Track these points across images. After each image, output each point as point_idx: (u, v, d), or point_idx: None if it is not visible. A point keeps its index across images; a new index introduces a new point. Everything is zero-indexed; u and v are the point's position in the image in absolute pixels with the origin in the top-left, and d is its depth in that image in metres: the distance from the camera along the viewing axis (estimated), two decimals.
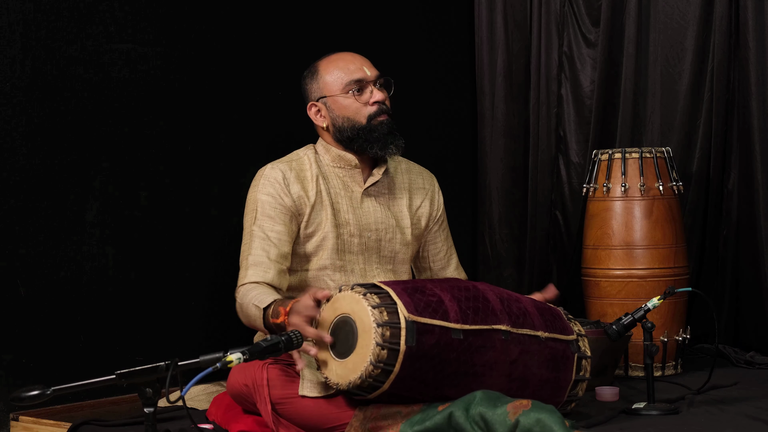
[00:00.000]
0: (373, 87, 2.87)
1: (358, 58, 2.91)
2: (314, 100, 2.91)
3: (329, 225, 2.83)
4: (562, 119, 4.30)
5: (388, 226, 2.92)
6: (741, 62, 3.84)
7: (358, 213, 2.88)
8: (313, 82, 2.91)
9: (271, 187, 2.81)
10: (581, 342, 2.69)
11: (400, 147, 2.88)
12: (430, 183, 3.06)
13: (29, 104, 3.04)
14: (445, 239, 3.09)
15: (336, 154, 2.90)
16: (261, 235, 2.77)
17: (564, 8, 4.27)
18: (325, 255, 2.84)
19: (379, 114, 2.86)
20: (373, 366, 2.34)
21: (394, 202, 2.96)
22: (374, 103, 2.86)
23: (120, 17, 3.23)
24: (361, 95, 2.86)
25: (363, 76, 2.87)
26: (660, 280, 3.51)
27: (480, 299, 2.52)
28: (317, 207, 2.84)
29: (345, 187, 2.89)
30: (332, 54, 2.93)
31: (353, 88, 2.86)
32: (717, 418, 2.77)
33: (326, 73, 2.88)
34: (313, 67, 2.94)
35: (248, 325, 2.71)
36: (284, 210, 2.80)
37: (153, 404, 2.16)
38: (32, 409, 2.96)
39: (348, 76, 2.86)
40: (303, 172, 2.87)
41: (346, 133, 2.86)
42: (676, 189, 3.60)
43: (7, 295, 2.98)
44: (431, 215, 3.04)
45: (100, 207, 3.17)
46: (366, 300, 2.38)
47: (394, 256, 2.94)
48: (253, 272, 2.74)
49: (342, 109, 2.86)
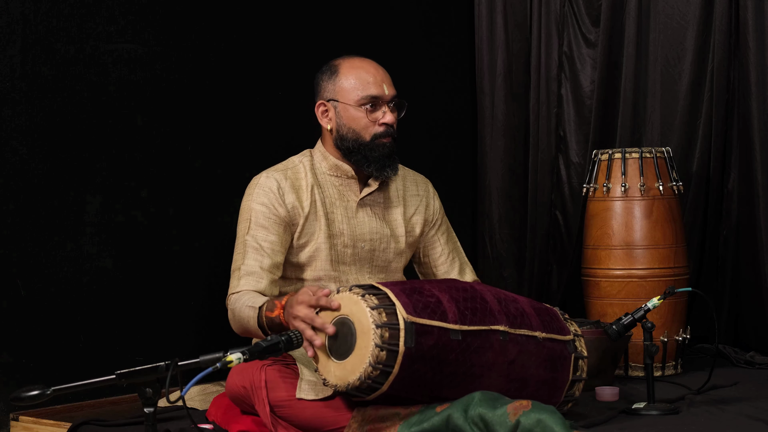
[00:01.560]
0: (386, 107, 2.82)
1: (380, 72, 2.85)
2: (325, 99, 2.86)
3: (322, 236, 2.81)
4: (562, 119, 4.30)
5: (382, 236, 2.90)
6: (741, 62, 3.84)
7: (352, 223, 2.86)
8: (329, 81, 2.85)
9: (265, 196, 2.79)
10: (578, 342, 2.69)
11: (395, 171, 2.85)
12: (424, 189, 3.04)
13: (29, 104, 3.04)
14: (446, 242, 3.07)
15: (333, 163, 2.87)
16: (254, 245, 2.75)
17: (564, 8, 4.27)
18: (319, 266, 2.82)
19: (384, 135, 2.82)
20: (372, 367, 2.33)
21: (389, 211, 2.94)
22: (382, 124, 2.82)
23: (120, 17, 3.23)
24: (373, 112, 2.81)
25: (380, 93, 2.81)
26: (660, 280, 3.51)
27: (478, 300, 2.52)
28: (311, 217, 2.82)
29: (341, 196, 2.87)
30: (355, 58, 2.87)
31: (367, 104, 2.81)
32: (717, 418, 2.77)
33: (344, 78, 2.82)
34: (332, 66, 2.87)
35: (241, 331, 2.70)
36: (278, 220, 2.78)
37: (153, 404, 2.17)
38: (32, 409, 2.96)
39: (366, 90, 2.80)
40: (298, 182, 2.84)
41: (347, 143, 2.82)
42: (676, 189, 3.60)
43: (7, 295, 2.98)
44: (426, 220, 3.01)
45: (99, 207, 3.17)
46: (364, 301, 2.38)
47: (387, 265, 2.92)
48: (245, 282, 2.73)
49: (351, 120, 2.82)
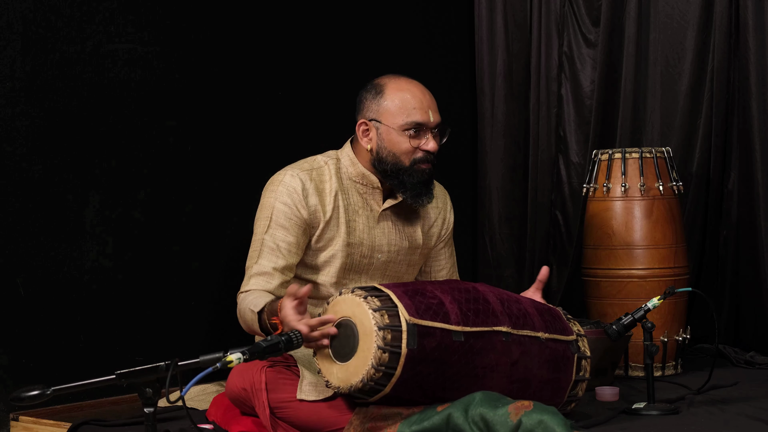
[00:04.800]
0: (430, 133, 2.78)
1: (427, 97, 2.80)
2: (367, 118, 2.81)
3: (341, 243, 2.79)
4: (562, 119, 4.30)
5: (400, 248, 2.88)
6: (741, 62, 3.84)
7: (372, 234, 2.84)
8: (373, 101, 2.80)
9: (288, 196, 2.75)
10: (581, 342, 2.69)
11: (430, 200, 2.83)
12: (443, 202, 3.02)
13: (29, 104, 3.03)
14: (449, 257, 3.06)
15: (361, 171, 2.82)
16: (271, 245, 2.73)
17: (564, 8, 4.27)
18: (332, 272, 2.81)
19: (424, 162, 2.78)
20: (374, 369, 2.33)
21: (409, 224, 2.92)
22: (424, 151, 2.78)
23: (120, 17, 3.23)
24: (416, 138, 2.77)
25: (425, 120, 2.77)
26: (660, 280, 3.51)
27: (480, 301, 2.52)
28: (332, 223, 2.79)
29: (365, 204, 2.84)
30: (402, 79, 2.82)
31: (411, 129, 2.77)
32: (717, 418, 2.77)
33: (389, 101, 2.78)
34: (377, 85, 2.82)
35: (248, 330, 2.71)
36: (299, 222, 2.75)
37: (153, 404, 2.17)
38: (32, 409, 2.96)
39: (411, 116, 2.76)
40: (322, 184, 2.80)
41: (385, 165, 2.79)
42: (676, 189, 3.60)
43: (7, 295, 2.98)
44: (440, 234, 3.01)
45: (99, 207, 3.17)
46: (367, 303, 2.37)
47: (399, 276, 2.92)
48: (255, 281, 2.72)
49: (392, 144, 2.77)
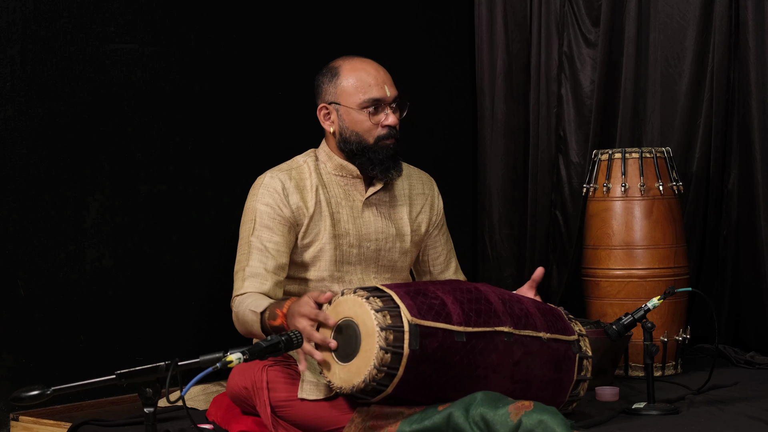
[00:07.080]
0: (388, 108, 2.79)
1: (381, 73, 2.81)
2: (326, 102, 2.82)
3: (327, 236, 2.79)
4: (562, 119, 4.30)
5: (388, 235, 2.88)
6: (741, 62, 3.84)
7: (358, 223, 2.84)
8: (330, 84, 2.81)
9: (270, 197, 2.76)
10: (582, 342, 2.69)
11: (399, 173, 2.83)
12: (429, 188, 3.02)
13: (29, 104, 3.03)
14: (445, 243, 3.06)
15: (338, 163, 2.84)
16: (259, 246, 2.73)
17: (564, 8, 4.27)
18: (323, 266, 2.80)
19: (387, 137, 2.79)
20: (377, 370, 2.33)
21: (395, 210, 2.92)
22: (385, 126, 2.79)
23: (120, 17, 3.23)
24: (375, 115, 2.78)
25: (382, 96, 2.78)
26: (660, 280, 3.51)
27: (482, 301, 2.52)
28: (315, 218, 2.79)
29: (346, 196, 2.84)
30: (355, 59, 2.83)
31: (369, 106, 2.77)
32: (717, 418, 2.77)
33: (345, 81, 2.78)
34: (332, 68, 2.83)
35: (245, 333, 2.70)
36: (283, 221, 2.76)
37: (153, 404, 2.17)
38: (32, 409, 2.96)
39: (367, 93, 2.77)
40: (302, 182, 2.81)
41: (350, 146, 2.80)
42: (676, 189, 3.60)
43: (7, 295, 2.98)
44: (431, 220, 3.00)
45: (99, 207, 3.17)
46: (369, 303, 2.37)
47: (392, 265, 2.91)
48: (249, 284, 2.71)
49: (353, 123, 2.78)
